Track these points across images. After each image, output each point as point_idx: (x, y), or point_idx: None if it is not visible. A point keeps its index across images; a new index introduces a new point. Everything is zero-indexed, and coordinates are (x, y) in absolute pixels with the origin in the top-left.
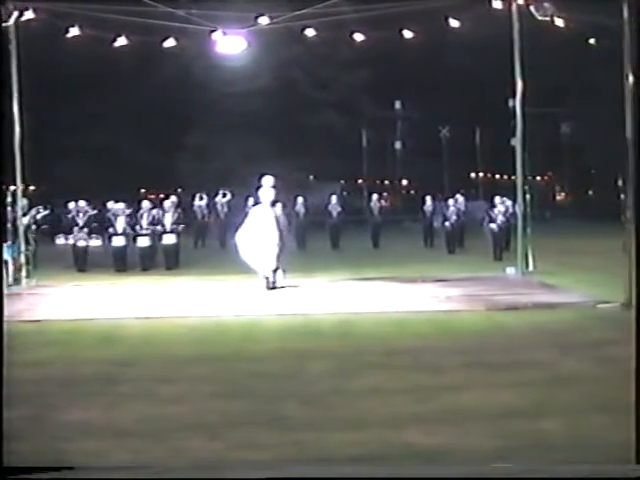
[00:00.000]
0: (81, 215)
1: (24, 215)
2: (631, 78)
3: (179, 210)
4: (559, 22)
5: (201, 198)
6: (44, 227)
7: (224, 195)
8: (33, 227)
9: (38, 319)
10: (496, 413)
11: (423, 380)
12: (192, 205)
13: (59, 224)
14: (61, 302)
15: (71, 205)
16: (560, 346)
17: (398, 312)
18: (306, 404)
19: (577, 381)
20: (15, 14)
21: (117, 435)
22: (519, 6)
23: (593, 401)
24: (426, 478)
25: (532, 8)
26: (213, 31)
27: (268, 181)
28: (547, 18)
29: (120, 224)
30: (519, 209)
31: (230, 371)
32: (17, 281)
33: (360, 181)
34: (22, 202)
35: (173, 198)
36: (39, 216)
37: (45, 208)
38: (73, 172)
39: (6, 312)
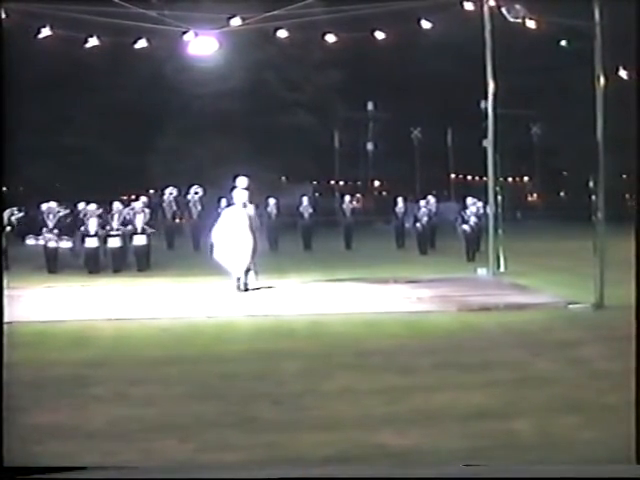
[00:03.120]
0: (51, 216)
1: None
2: (602, 79)
3: (149, 211)
4: (531, 24)
5: (171, 193)
6: (18, 228)
7: (196, 192)
8: (8, 228)
9: (7, 321)
10: (468, 413)
11: (395, 381)
12: (162, 202)
13: (33, 225)
14: (32, 304)
15: (44, 206)
16: (531, 346)
17: (370, 313)
18: (278, 405)
19: (548, 381)
20: None
21: (87, 437)
22: (491, 8)
23: (564, 401)
24: (398, 478)
25: (504, 10)
26: (185, 32)
27: (242, 182)
28: (519, 20)
29: (92, 225)
30: (490, 210)
31: (201, 372)
32: None
33: (332, 182)
34: None
35: (144, 199)
36: (14, 217)
37: (19, 210)
38: (44, 173)
39: None
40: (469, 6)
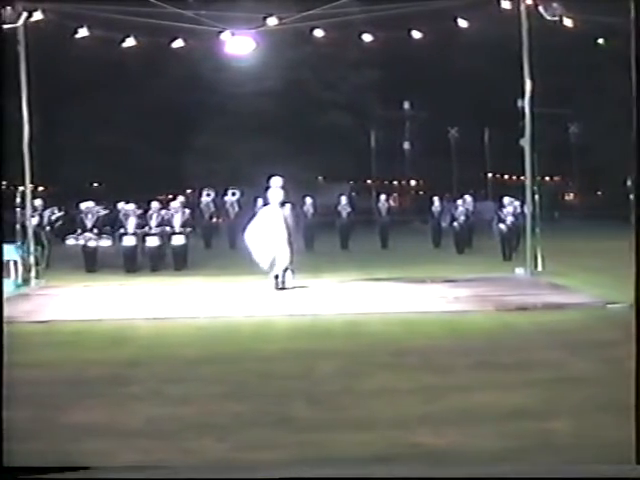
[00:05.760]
0: (90, 216)
1: (40, 216)
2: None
3: (187, 211)
4: (568, 22)
5: (208, 194)
6: (57, 228)
7: (233, 194)
8: (47, 228)
9: (46, 320)
10: (505, 413)
11: (432, 380)
12: (199, 203)
13: (72, 225)
14: (70, 303)
15: (82, 206)
16: (569, 346)
17: (407, 313)
18: (315, 404)
19: (586, 381)
20: (24, 15)
21: (125, 436)
22: (527, 6)
23: (602, 401)
24: (435, 478)
25: (541, 8)
26: (221, 32)
27: (277, 182)
28: (556, 18)
29: (130, 224)
30: (528, 209)
31: (238, 371)
32: (26, 282)
33: (368, 181)
34: (35, 203)
35: (181, 198)
36: (54, 217)
37: (59, 209)
38: (83, 173)
39: (14, 313)
40: (506, 4)
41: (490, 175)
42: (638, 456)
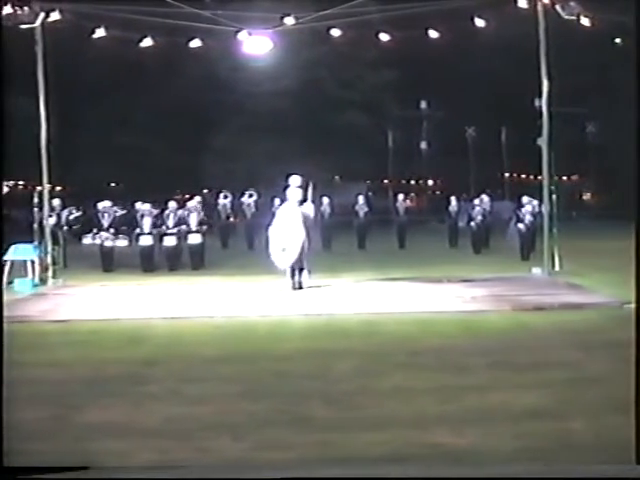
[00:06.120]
0: (107, 215)
1: (57, 215)
2: None
3: (204, 210)
4: (585, 21)
5: (225, 197)
6: (75, 228)
7: (250, 195)
8: (65, 228)
9: (64, 319)
10: (522, 413)
11: (448, 380)
12: (217, 205)
13: (90, 224)
14: (87, 302)
15: (99, 205)
16: (586, 346)
17: (423, 312)
18: (331, 404)
19: (603, 381)
20: (41, 15)
21: (142, 435)
22: (545, 5)
23: (619, 401)
24: (453, 478)
25: (558, 7)
26: (239, 32)
27: (295, 181)
28: (573, 17)
29: (147, 224)
30: (545, 209)
31: (255, 371)
32: (43, 281)
33: (385, 181)
34: (53, 203)
35: (198, 198)
36: (71, 217)
37: (77, 209)
38: (101, 173)
39: (32, 312)
40: (523, 3)
41: (507, 175)
42: (638, 456)
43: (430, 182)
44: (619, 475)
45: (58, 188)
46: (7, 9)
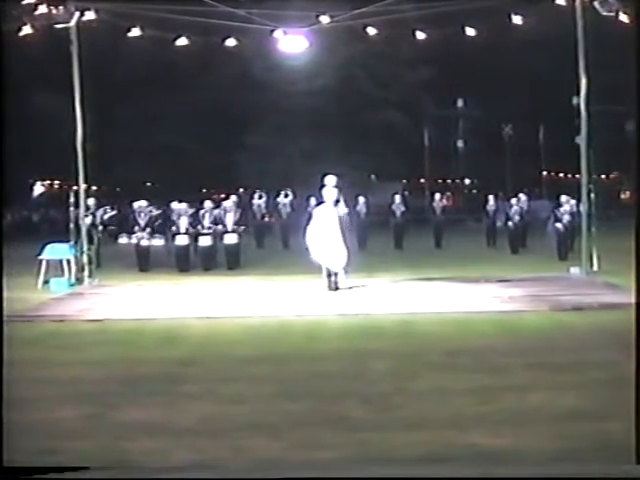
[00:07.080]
0: (143, 215)
1: (93, 215)
2: None
3: (240, 210)
4: (624, 17)
5: (260, 197)
6: (111, 227)
7: (286, 195)
8: (100, 227)
9: (99, 318)
10: (560, 414)
11: (486, 381)
12: (251, 205)
13: (125, 224)
14: (123, 302)
15: (135, 205)
16: (625, 347)
17: (460, 312)
18: (368, 404)
19: None
20: (76, 15)
21: (178, 434)
22: (583, 2)
23: None
24: (490, 478)
25: (596, 4)
26: (274, 30)
27: (331, 180)
28: (612, 14)
29: (183, 224)
30: (584, 208)
31: (291, 371)
32: (79, 280)
33: (422, 180)
34: (88, 202)
35: (234, 198)
36: (106, 216)
37: (112, 208)
38: (136, 172)
39: (68, 311)
40: (561, 0)
41: (545, 173)
42: (638, 456)
43: (467, 181)
44: (619, 475)
45: (94, 188)
46: (42, 9)
